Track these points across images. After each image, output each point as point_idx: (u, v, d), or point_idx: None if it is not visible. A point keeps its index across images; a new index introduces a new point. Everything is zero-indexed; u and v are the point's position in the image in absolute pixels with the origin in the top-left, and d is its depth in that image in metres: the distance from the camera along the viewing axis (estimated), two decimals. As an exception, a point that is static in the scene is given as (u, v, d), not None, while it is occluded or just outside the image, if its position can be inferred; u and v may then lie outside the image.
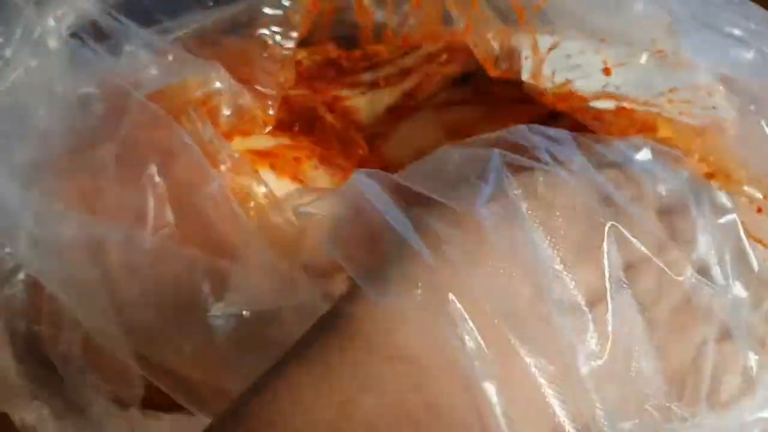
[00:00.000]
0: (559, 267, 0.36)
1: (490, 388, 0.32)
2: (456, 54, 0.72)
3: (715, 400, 0.41)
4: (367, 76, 0.75)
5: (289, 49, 0.64)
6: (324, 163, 0.66)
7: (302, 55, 0.77)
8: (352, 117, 0.72)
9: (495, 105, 0.68)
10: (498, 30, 0.60)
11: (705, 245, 0.41)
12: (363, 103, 0.73)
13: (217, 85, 0.56)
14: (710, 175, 0.50)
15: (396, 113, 0.72)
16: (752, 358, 0.42)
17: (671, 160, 0.45)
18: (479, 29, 0.61)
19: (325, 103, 0.72)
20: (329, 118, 0.70)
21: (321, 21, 0.75)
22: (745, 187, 0.50)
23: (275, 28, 0.63)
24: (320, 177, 0.65)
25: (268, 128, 0.66)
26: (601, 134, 0.53)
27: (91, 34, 0.53)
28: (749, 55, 0.52)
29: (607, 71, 0.57)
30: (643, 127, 0.53)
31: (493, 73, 0.63)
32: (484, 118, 0.67)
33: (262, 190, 0.49)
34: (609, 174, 0.41)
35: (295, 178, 0.64)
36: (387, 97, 0.73)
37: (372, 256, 0.37)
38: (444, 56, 0.73)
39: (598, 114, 0.56)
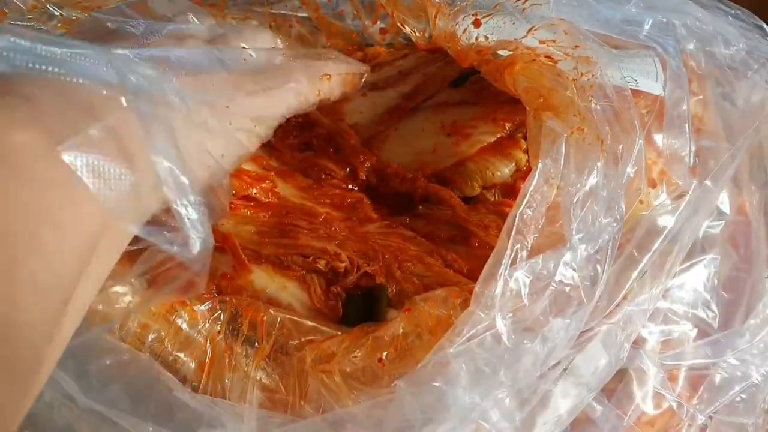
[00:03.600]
0: None
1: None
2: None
3: None
4: (366, 78, 0.75)
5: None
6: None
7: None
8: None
9: (492, 105, 0.68)
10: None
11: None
12: (364, 105, 0.74)
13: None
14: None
15: (396, 114, 0.72)
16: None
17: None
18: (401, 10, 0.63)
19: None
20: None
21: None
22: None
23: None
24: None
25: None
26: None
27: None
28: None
29: (477, 23, 0.59)
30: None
31: (424, 47, 0.65)
32: (482, 118, 0.67)
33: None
34: None
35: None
36: (387, 98, 0.74)
37: None
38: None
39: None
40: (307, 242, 0.59)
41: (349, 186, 0.67)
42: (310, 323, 0.54)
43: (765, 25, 0.65)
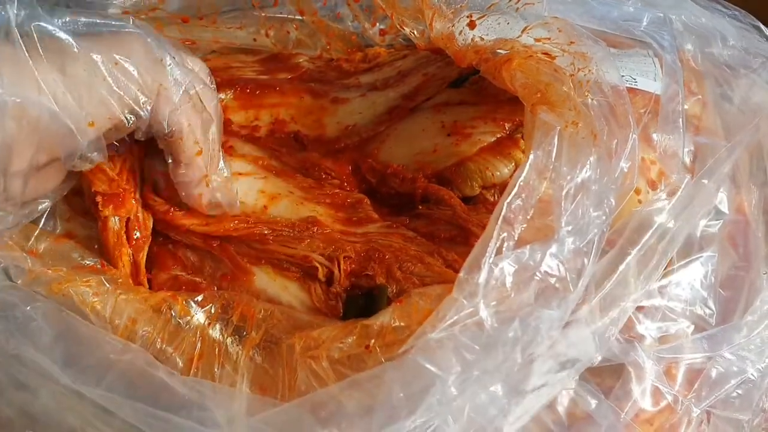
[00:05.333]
0: None
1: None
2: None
3: None
4: (366, 78, 0.76)
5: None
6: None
7: (303, 58, 0.78)
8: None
9: (493, 104, 0.69)
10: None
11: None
12: (363, 105, 0.74)
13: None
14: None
15: (396, 114, 0.73)
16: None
17: None
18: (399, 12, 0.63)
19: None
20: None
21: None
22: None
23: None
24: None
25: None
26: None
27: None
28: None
29: (471, 24, 0.60)
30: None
31: (423, 48, 0.66)
32: (482, 118, 0.68)
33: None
34: None
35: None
36: (387, 98, 0.74)
37: None
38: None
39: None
40: (275, 248, 0.60)
41: (345, 186, 0.68)
42: (305, 318, 0.54)
43: (762, 26, 0.65)
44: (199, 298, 0.54)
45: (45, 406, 0.47)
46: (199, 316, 0.53)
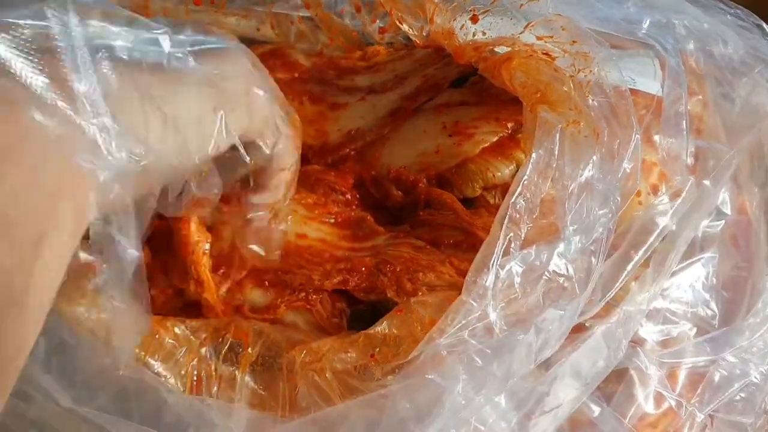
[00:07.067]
0: None
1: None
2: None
3: None
4: (363, 81, 0.75)
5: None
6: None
7: (302, 55, 0.77)
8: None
9: (494, 104, 0.68)
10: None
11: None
12: (364, 109, 0.74)
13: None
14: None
15: (398, 115, 0.72)
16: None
17: None
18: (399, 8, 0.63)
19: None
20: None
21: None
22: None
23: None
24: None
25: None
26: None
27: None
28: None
29: (474, 18, 0.59)
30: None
31: (421, 45, 0.65)
32: (485, 118, 0.67)
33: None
34: None
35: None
36: (387, 100, 0.73)
37: None
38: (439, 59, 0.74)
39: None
40: None
41: (350, 199, 0.67)
42: (302, 337, 0.54)
43: (765, 25, 0.65)
44: (194, 323, 0.53)
45: (40, 416, 0.46)
46: (193, 337, 0.52)
